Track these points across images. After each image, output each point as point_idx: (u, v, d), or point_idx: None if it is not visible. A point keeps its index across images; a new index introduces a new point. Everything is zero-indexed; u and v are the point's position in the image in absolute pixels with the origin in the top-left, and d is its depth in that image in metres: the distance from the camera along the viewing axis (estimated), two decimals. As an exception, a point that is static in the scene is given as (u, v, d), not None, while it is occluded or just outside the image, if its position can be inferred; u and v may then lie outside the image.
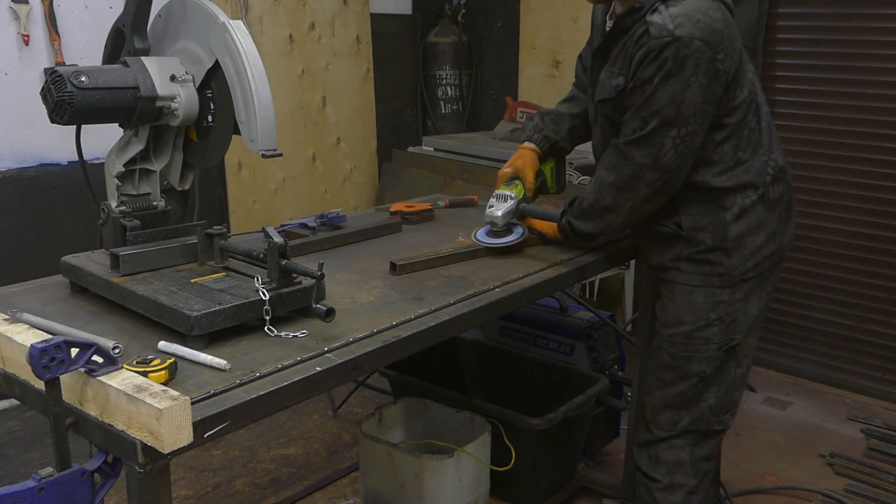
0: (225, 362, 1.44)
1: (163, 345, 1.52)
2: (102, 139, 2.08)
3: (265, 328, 1.60)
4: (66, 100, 1.63)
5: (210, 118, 1.82)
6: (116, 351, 1.38)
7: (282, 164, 4.44)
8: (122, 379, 1.28)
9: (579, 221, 2.16)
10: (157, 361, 1.39)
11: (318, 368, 1.48)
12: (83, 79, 1.64)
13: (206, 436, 1.28)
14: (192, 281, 1.70)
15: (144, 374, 1.33)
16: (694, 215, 2.07)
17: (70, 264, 1.83)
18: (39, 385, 1.27)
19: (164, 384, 1.32)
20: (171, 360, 1.40)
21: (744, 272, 2.07)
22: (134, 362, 1.38)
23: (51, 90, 1.64)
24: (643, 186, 2.00)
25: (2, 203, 3.47)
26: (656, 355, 2.21)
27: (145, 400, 1.20)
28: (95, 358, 1.28)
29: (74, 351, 1.24)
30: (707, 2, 1.92)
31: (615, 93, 2.04)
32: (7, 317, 1.55)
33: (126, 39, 1.82)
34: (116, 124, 1.83)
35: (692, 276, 2.11)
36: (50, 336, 1.36)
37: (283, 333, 1.60)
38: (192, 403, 1.27)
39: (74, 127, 1.83)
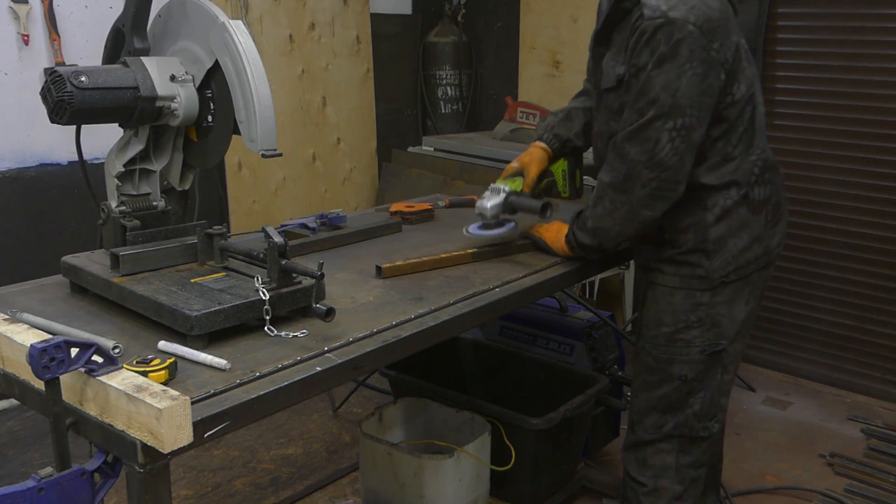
0: (225, 362, 1.44)
1: (163, 345, 1.52)
2: (102, 139, 2.08)
3: (265, 328, 1.60)
4: (66, 100, 1.63)
5: (210, 118, 1.82)
6: (116, 351, 1.38)
7: (282, 164, 4.44)
8: (122, 379, 1.28)
9: (581, 232, 2.11)
10: (157, 361, 1.39)
11: (318, 368, 1.48)
12: (83, 79, 1.64)
13: (206, 436, 1.28)
14: (192, 281, 1.70)
15: (144, 374, 1.33)
16: (676, 215, 2.01)
17: (70, 264, 1.83)
18: (39, 385, 1.27)
19: (164, 384, 1.32)
20: (171, 360, 1.40)
21: (724, 275, 2.02)
22: (134, 362, 1.38)
23: (51, 90, 1.64)
24: (640, 187, 1.92)
25: (2, 203, 3.47)
26: (641, 357, 2.18)
27: (145, 400, 1.20)
28: (95, 358, 1.28)
29: (74, 351, 1.24)
30: None
31: (616, 82, 2.00)
32: (7, 317, 1.55)
33: (126, 39, 1.82)
34: (116, 124, 1.83)
35: (672, 277, 2.07)
36: (50, 336, 1.36)
37: (283, 333, 1.60)
38: (192, 403, 1.27)
39: (74, 127, 1.83)
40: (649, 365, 2.14)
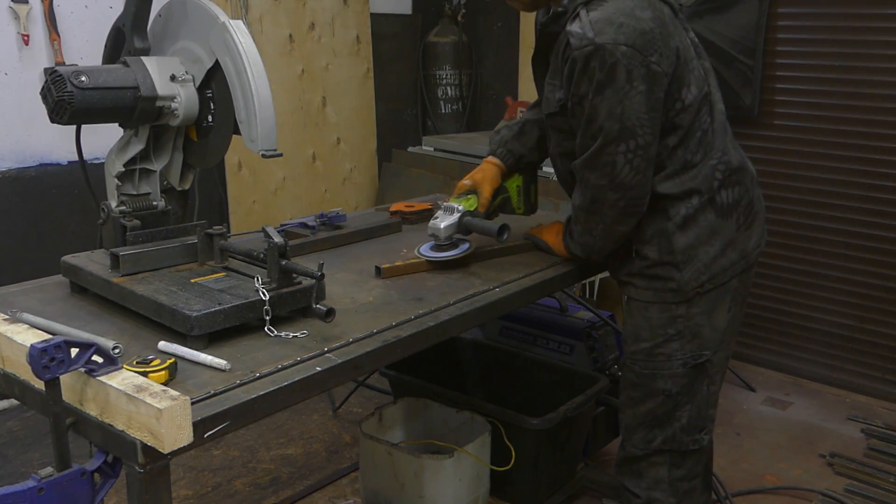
0: (225, 362, 1.44)
1: (163, 345, 1.52)
2: (102, 139, 2.08)
3: (265, 328, 1.60)
4: (66, 100, 1.63)
5: (210, 118, 1.82)
6: (116, 351, 1.38)
7: (282, 164, 4.44)
8: (122, 379, 1.28)
9: (571, 242, 2.11)
10: (157, 361, 1.39)
11: (318, 368, 1.48)
12: (83, 79, 1.64)
13: (205, 436, 1.28)
14: (192, 281, 1.70)
15: (144, 374, 1.33)
16: (640, 226, 1.97)
17: (70, 264, 1.83)
18: (39, 385, 1.27)
19: (164, 384, 1.32)
20: (171, 361, 1.41)
21: (698, 286, 1.96)
22: (134, 362, 1.38)
23: (51, 90, 1.64)
24: (608, 208, 1.91)
25: (2, 203, 3.47)
26: (624, 372, 2.14)
27: (145, 400, 1.20)
28: (95, 358, 1.28)
29: (74, 351, 1.25)
30: (633, 0, 1.80)
31: (558, 107, 1.97)
32: (7, 317, 1.55)
33: (126, 39, 1.82)
34: (116, 124, 1.83)
35: (645, 291, 2.02)
36: (50, 336, 1.36)
37: (283, 333, 1.60)
38: (192, 403, 1.27)
39: (74, 127, 1.83)
40: (632, 381, 2.10)
